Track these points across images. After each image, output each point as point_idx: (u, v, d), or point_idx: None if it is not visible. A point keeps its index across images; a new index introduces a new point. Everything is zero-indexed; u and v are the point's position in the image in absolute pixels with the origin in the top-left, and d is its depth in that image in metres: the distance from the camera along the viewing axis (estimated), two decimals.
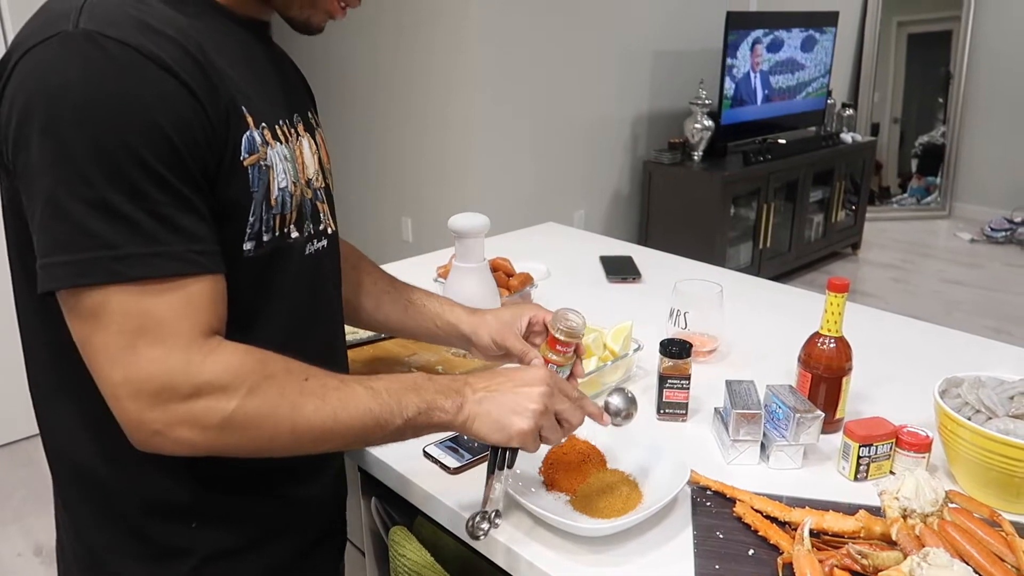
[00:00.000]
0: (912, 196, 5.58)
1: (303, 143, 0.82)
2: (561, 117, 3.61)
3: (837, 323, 1.04)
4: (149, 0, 0.69)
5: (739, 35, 3.81)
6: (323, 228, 0.85)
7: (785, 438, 0.98)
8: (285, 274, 0.78)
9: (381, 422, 0.74)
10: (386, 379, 0.76)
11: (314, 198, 0.83)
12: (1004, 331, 3.73)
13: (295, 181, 0.78)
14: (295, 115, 0.83)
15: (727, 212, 3.78)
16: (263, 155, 0.73)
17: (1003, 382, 0.94)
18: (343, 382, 0.73)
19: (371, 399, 0.73)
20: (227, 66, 0.71)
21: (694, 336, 1.25)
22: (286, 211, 0.76)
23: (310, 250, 0.82)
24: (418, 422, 0.76)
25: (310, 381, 0.71)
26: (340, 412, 0.71)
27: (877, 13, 5.26)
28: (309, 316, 0.84)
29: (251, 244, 0.73)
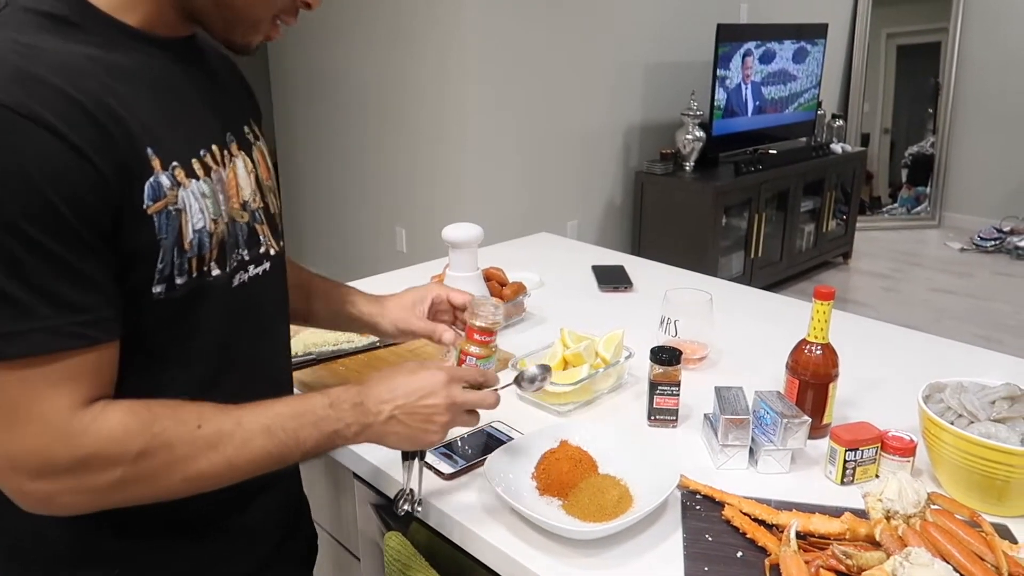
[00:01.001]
0: (902, 206, 5.63)
1: (237, 164, 0.79)
2: (554, 128, 3.64)
3: (823, 330, 1.07)
4: (42, 37, 0.65)
5: (729, 47, 3.85)
6: (263, 251, 0.82)
7: (773, 443, 1.00)
8: (207, 312, 0.75)
9: (279, 458, 0.74)
10: (285, 413, 0.74)
11: (251, 221, 0.81)
12: (994, 339, 3.76)
13: (216, 217, 0.74)
14: (227, 135, 0.79)
15: (719, 222, 3.81)
16: (172, 199, 0.69)
17: (985, 387, 0.96)
18: (239, 424, 0.71)
19: (267, 440, 0.72)
20: (134, 103, 0.67)
21: (684, 344, 1.27)
22: (204, 251, 0.73)
23: (241, 279, 0.79)
24: (318, 450, 0.77)
25: (203, 428, 0.69)
26: (235, 458, 0.71)
27: (866, 25, 5.32)
28: (242, 346, 0.81)
29: (161, 287, 0.70)
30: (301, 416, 0.75)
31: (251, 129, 0.86)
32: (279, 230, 0.88)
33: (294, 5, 0.78)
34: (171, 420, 0.68)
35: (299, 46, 3.98)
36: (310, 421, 0.75)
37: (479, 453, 1.02)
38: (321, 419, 0.76)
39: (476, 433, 1.09)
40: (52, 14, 0.67)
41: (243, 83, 0.92)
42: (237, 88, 0.89)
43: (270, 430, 0.73)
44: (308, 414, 0.75)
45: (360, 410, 0.79)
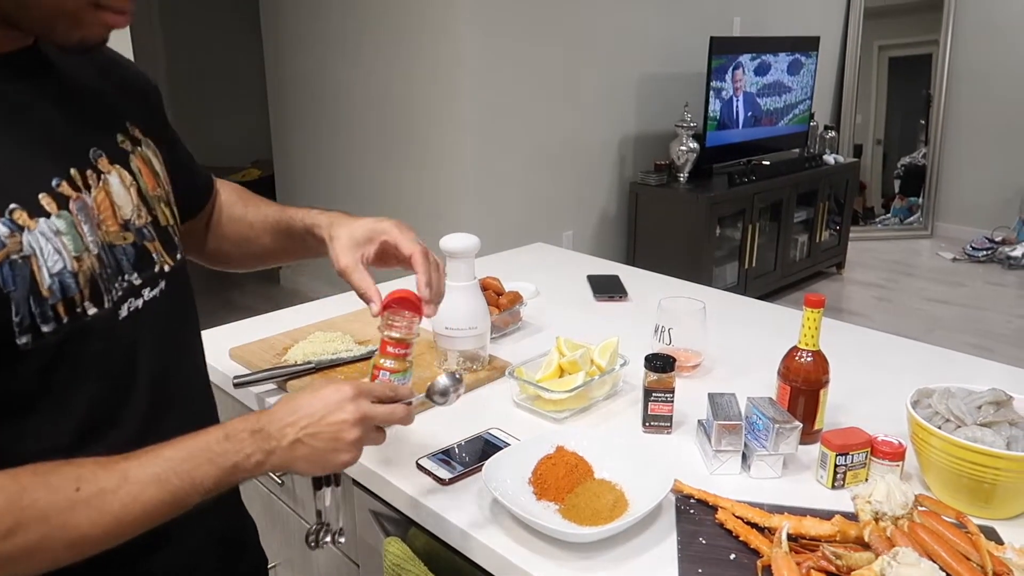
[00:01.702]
0: (895, 216, 5.68)
1: (110, 181, 0.74)
2: (550, 140, 3.67)
3: (814, 337, 1.09)
4: None
5: (722, 59, 3.89)
6: (156, 271, 0.78)
7: (765, 448, 1.02)
8: (90, 353, 0.70)
9: (176, 505, 0.68)
10: (177, 456, 0.68)
11: (139, 240, 0.76)
12: (986, 348, 3.79)
13: (80, 254, 0.68)
14: (91, 151, 0.73)
15: (713, 232, 3.84)
16: (15, 247, 0.64)
17: (971, 392, 0.98)
18: (125, 479, 0.65)
19: (159, 490, 0.66)
20: None
21: (678, 351, 1.29)
22: (70, 294, 0.67)
23: (132, 308, 0.74)
24: (219, 488, 0.71)
25: (82, 491, 0.63)
26: (123, 515, 0.65)
27: (858, 38, 5.38)
28: (141, 378, 0.76)
29: (26, 338, 0.65)
30: (195, 456, 0.69)
31: (128, 136, 0.79)
32: (175, 242, 0.83)
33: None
34: (43, 489, 0.62)
35: (296, 59, 4.01)
36: (205, 459, 0.69)
37: (477, 459, 1.04)
38: (217, 455, 0.70)
39: (474, 439, 1.10)
40: None
41: (124, 80, 0.85)
42: (110, 91, 0.82)
43: (160, 479, 0.66)
44: (202, 452, 0.69)
45: (260, 437, 0.72)
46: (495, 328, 1.43)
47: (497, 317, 1.43)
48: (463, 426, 1.14)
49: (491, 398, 1.24)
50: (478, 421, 1.16)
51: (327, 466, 0.76)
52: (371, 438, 0.79)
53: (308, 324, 1.47)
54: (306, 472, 0.76)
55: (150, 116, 0.86)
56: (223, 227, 1.07)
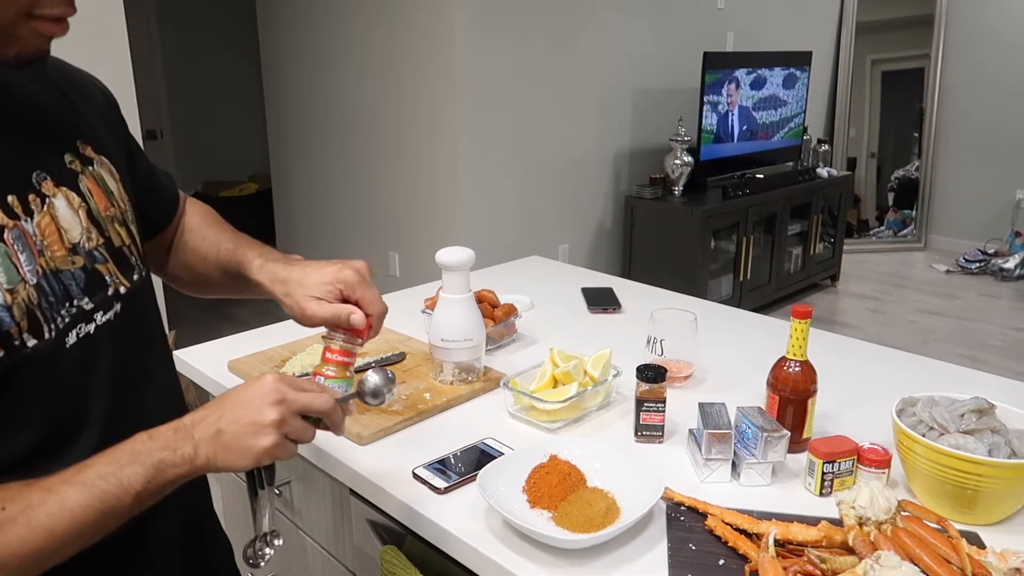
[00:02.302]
0: (889, 229, 5.72)
1: (56, 204, 0.72)
2: (545, 154, 3.71)
3: (802, 348, 1.11)
4: None
5: (716, 74, 3.93)
6: (111, 294, 0.76)
7: (754, 456, 1.04)
8: (32, 384, 0.68)
9: (108, 511, 0.66)
10: (102, 461, 0.67)
11: (89, 263, 0.74)
12: (979, 360, 3.82)
13: (13, 286, 0.66)
14: (34, 175, 0.71)
15: (707, 245, 3.87)
16: None
17: (955, 401, 1.01)
18: (49, 491, 0.64)
19: (86, 495, 0.65)
20: None
21: (670, 362, 1.31)
22: (5, 327, 0.65)
23: (82, 333, 0.73)
24: (152, 488, 0.68)
25: (7, 510, 0.62)
26: (55, 527, 0.64)
27: (850, 52, 5.44)
28: (95, 405, 0.75)
29: None
30: (119, 459, 0.67)
31: (78, 155, 0.77)
32: (133, 261, 0.81)
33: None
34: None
35: (293, 72, 4.05)
36: (129, 460, 0.67)
37: (472, 468, 1.06)
38: (140, 453, 0.68)
39: (469, 449, 1.12)
40: None
41: (76, 95, 0.82)
42: (59, 107, 0.79)
43: (85, 484, 0.65)
44: (126, 454, 0.68)
45: (183, 432, 0.71)
46: (490, 340, 1.45)
47: (492, 329, 1.45)
48: (459, 436, 1.16)
49: (486, 409, 1.26)
50: (473, 431, 1.18)
51: (251, 453, 0.72)
52: (295, 427, 0.75)
53: (306, 337, 1.49)
54: (235, 463, 0.73)
55: (106, 131, 0.83)
56: (180, 251, 1.02)
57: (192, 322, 4.07)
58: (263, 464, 0.75)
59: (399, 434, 1.18)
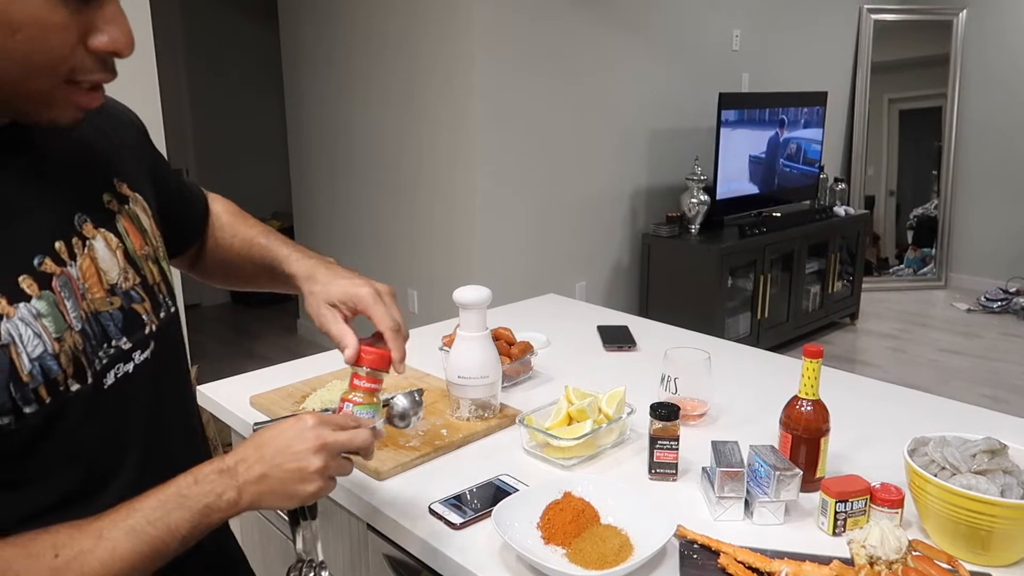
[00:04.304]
0: (909, 267, 5.70)
1: (95, 247, 0.74)
2: (563, 193, 3.75)
3: (814, 387, 1.12)
4: None
5: (731, 114, 3.98)
6: (147, 332, 0.78)
7: (767, 495, 1.05)
8: (69, 427, 0.70)
9: (156, 555, 0.69)
10: (148, 505, 0.69)
11: (126, 303, 0.76)
12: (1001, 399, 3.77)
13: (61, 334, 0.68)
14: (76, 218, 0.73)
15: (724, 283, 3.88)
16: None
17: (966, 441, 1.01)
18: (100, 538, 0.66)
19: (135, 542, 0.67)
20: None
21: (684, 401, 1.33)
22: (52, 375, 0.67)
23: (119, 373, 0.74)
24: (196, 532, 0.71)
25: (60, 556, 0.65)
26: (106, 571, 0.66)
27: (866, 92, 5.48)
28: (129, 441, 0.77)
29: (8, 419, 0.65)
30: (166, 503, 0.69)
31: (115, 194, 0.79)
32: (162, 299, 0.82)
33: (89, 61, 0.65)
34: (23, 560, 0.64)
35: (316, 111, 4.14)
36: (176, 504, 0.70)
37: (488, 504, 1.08)
38: (187, 499, 0.70)
39: (485, 485, 1.14)
40: None
41: (110, 128, 0.84)
42: (96, 145, 0.81)
43: (135, 530, 0.67)
44: (173, 498, 0.70)
45: (228, 475, 0.73)
46: (506, 377, 1.47)
47: (508, 366, 1.48)
48: (474, 472, 1.18)
49: (502, 445, 1.28)
50: (489, 467, 1.20)
51: (296, 497, 0.76)
52: (337, 466, 0.79)
53: (326, 373, 1.52)
54: (279, 506, 0.77)
55: (135, 162, 0.85)
56: (211, 249, 1.06)
57: (213, 358, 4.13)
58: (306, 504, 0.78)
59: (416, 469, 1.20)
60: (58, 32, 0.62)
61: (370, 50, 3.75)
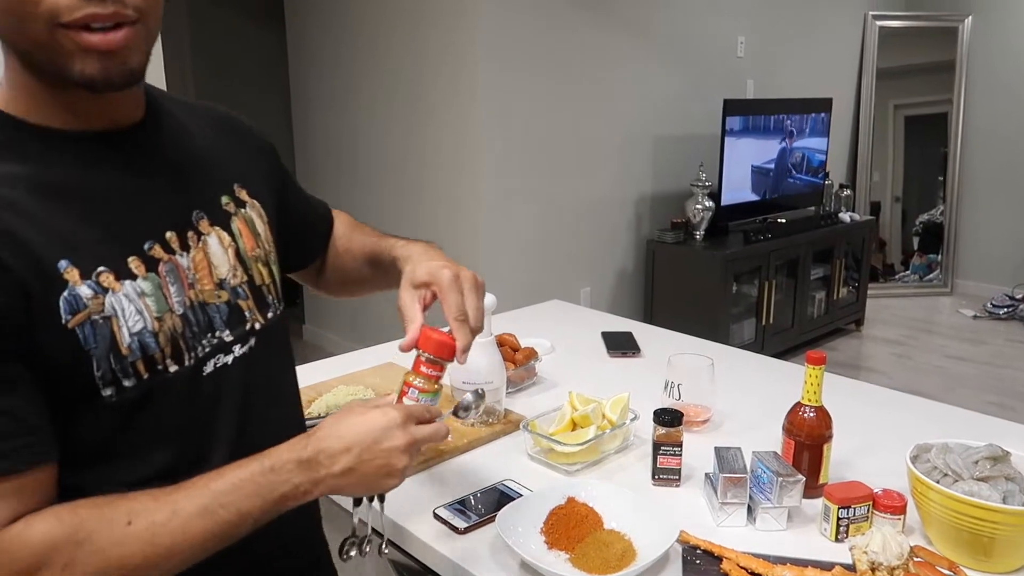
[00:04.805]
0: (915, 273, 5.69)
1: (208, 242, 0.78)
2: (567, 198, 3.76)
3: (816, 393, 1.13)
4: None
5: (736, 121, 3.99)
6: (248, 328, 0.82)
7: (770, 500, 1.05)
8: (164, 410, 0.74)
9: (225, 536, 0.71)
10: (223, 488, 0.70)
11: (233, 298, 0.80)
12: (1008, 407, 3.76)
13: (162, 314, 0.73)
14: (193, 214, 0.78)
15: (729, 289, 3.88)
16: (97, 307, 0.68)
17: (968, 447, 1.02)
18: (174, 512, 0.68)
19: (207, 522, 0.69)
20: (47, 216, 0.67)
21: (688, 407, 1.33)
22: (150, 352, 0.72)
23: (218, 363, 0.78)
24: (268, 517, 0.73)
25: (134, 524, 0.67)
26: (176, 547, 0.68)
27: (871, 98, 5.48)
28: (223, 431, 0.79)
29: (111, 390, 0.70)
30: (240, 488, 0.71)
31: (233, 198, 0.83)
32: (269, 300, 0.86)
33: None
34: (97, 522, 0.66)
35: (321, 116, 4.16)
36: (251, 491, 0.71)
37: (491, 509, 1.08)
38: (262, 487, 0.72)
39: (489, 490, 1.15)
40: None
41: (239, 142, 0.89)
42: (223, 154, 0.86)
43: (208, 510, 0.69)
44: (247, 484, 0.71)
45: (308, 466, 0.73)
46: (511, 383, 1.48)
47: (513, 372, 1.48)
48: (479, 477, 1.19)
49: (506, 451, 1.29)
50: (493, 472, 1.20)
51: (376, 489, 0.78)
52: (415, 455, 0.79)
53: (331, 378, 1.53)
54: (356, 494, 0.79)
55: (261, 177, 0.91)
56: (332, 259, 1.11)
57: None
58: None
59: (421, 474, 1.20)
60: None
61: (375, 53, 3.77)
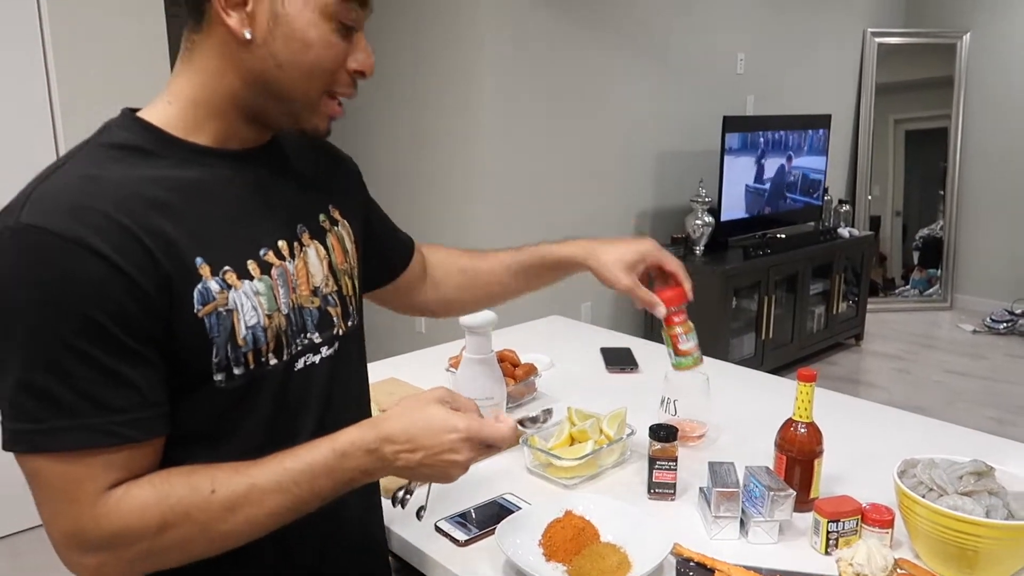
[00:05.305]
0: (914, 288, 5.71)
1: (308, 253, 0.89)
2: (569, 213, 3.80)
3: (807, 410, 1.16)
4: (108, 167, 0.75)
5: (736, 137, 4.03)
6: (334, 333, 0.91)
7: (761, 514, 1.08)
8: (262, 396, 0.83)
9: (297, 511, 0.79)
10: (295, 468, 0.78)
11: (323, 305, 0.90)
12: (1007, 422, 3.78)
13: (272, 312, 0.82)
14: (298, 227, 0.88)
15: (729, 304, 3.91)
16: (223, 301, 0.78)
17: (954, 463, 1.05)
18: (252, 485, 0.76)
19: (282, 497, 0.77)
20: (189, 217, 0.77)
21: (683, 422, 1.36)
22: (259, 345, 0.81)
23: (307, 362, 0.88)
24: (336, 495, 0.81)
25: (217, 493, 0.75)
26: (254, 517, 0.76)
27: (870, 113, 5.53)
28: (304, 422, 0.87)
29: (222, 376, 0.79)
30: (312, 469, 0.78)
31: (329, 216, 0.95)
32: (351, 310, 0.96)
33: (346, 77, 0.83)
34: (186, 488, 0.75)
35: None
36: (323, 473, 0.79)
37: (491, 522, 1.11)
38: (334, 470, 0.79)
39: (488, 503, 1.18)
40: (125, 145, 0.78)
41: (332, 167, 1.02)
42: (321, 178, 0.97)
43: (282, 486, 0.77)
44: (318, 466, 0.78)
45: (376, 457, 0.80)
46: (511, 398, 1.51)
47: (513, 388, 1.52)
48: (479, 491, 1.22)
49: (506, 465, 1.31)
50: (493, 486, 1.23)
51: (439, 480, 0.86)
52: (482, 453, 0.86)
53: None
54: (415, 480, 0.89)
55: (350, 199, 1.02)
56: (441, 282, 1.24)
57: None
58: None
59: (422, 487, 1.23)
60: (333, 52, 0.81)
61: (381, 71, 3.81)
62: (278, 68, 0.79)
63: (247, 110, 0.83)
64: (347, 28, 0.81)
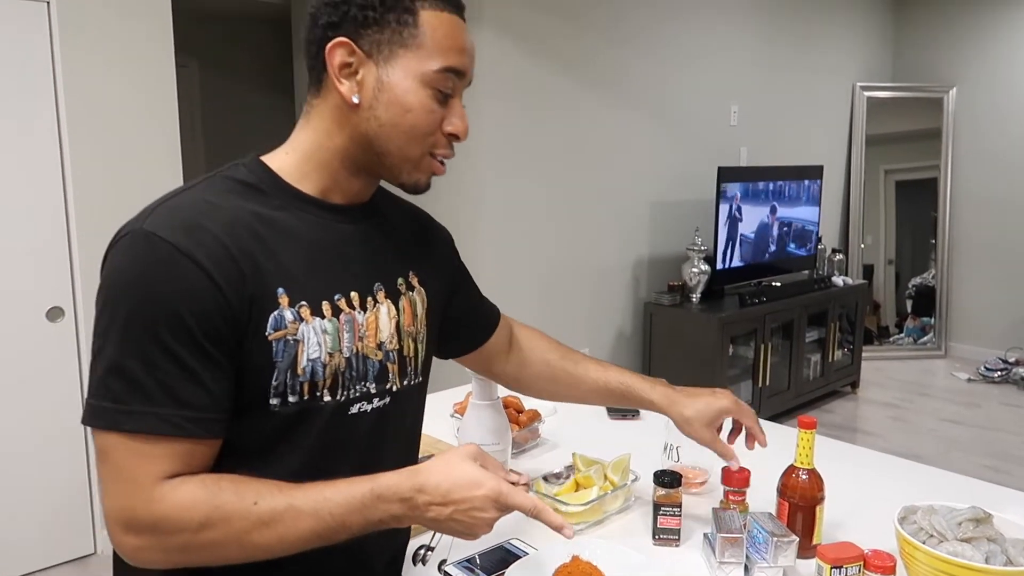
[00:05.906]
0: (909, 336, 5.76)
1: (380, 310, 0.96)
2: (566, 261, 3.85)
3: (808, 456, 1.18)
4: (226, 197, 0.86)
5: (730, 187, 4.11)
6: (387, 387, 0.97)
7: (765, 560, 1.10)
8: (310, 429, 0.89)
9: (327, 539, 0.83)
10: (333, 499, 0.82)
11: (384, 360, 0.97)
12: (1003, 470, 3.79)
13: (333, 351, 0.89)
14: (375, 285, 0.96)
15: (725, 351, 3.94)
16: (293, 331, 0.86)
17: (953, 509, 1.07)
18: (290, 505, 0.81)
19: (315, 523, 0.82)
20: (280, 252, 0.86)
21: (686, 469, 1.38)
22: (317, 379, 0.88)
23: (362, 409, 0.94)
24: (365, 532, 0.85)
25: (259, 505, 0.80)
26: (286, 535, 0.81)
27: (861, 164, 5.64)
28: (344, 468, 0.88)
29: (276, 400, 0.86)
30: (348, 504, 0.83)
31: (406, 281, 1.02)
32: (408, 370, 1.02)
33: (443, 139, 0.93)
34: (232, 494, 0.80)
35: None
36: (356, 510, 0.83)
37: (497, 567, 1.13)
38: (367, 509, 0.83)
39: (495, 549, 1.19)
40: (245, 182, 0.90)
41: (421, 234, 1.10)
42: (407, 243, 1.05)
43: (318, 514, 0.82)
44: (354, 502, 0.83)
45: (408, 506, 0.84)
46: (515, 444, 1.53)
47: (517, 433, 1.54)
48: (485, 536, 1.22)
49: None
50: (499, 531, 1.23)
51: (465, 536, 0.89)
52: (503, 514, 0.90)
53: None
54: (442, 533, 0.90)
55: (434, 270, 1.09)
56: (527, 363, 1.30)
57: None
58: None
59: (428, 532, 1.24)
60: (430, 117, 0.90)
61: None
62: (380, 128, 0.89)
63: (353, 164, 0.93)
64: (444, 95, 0.90)
